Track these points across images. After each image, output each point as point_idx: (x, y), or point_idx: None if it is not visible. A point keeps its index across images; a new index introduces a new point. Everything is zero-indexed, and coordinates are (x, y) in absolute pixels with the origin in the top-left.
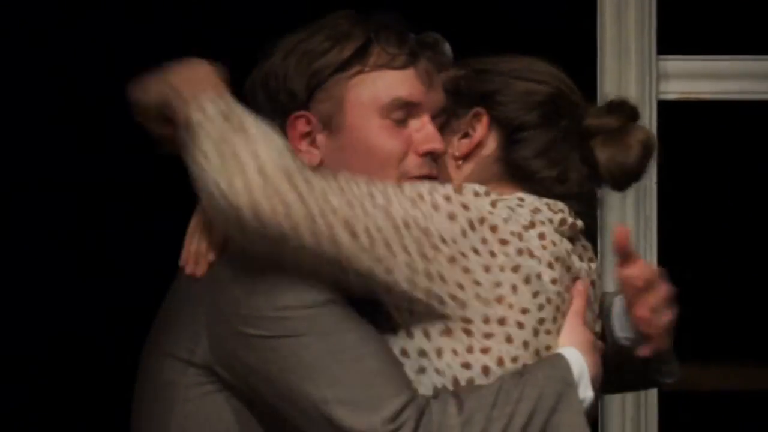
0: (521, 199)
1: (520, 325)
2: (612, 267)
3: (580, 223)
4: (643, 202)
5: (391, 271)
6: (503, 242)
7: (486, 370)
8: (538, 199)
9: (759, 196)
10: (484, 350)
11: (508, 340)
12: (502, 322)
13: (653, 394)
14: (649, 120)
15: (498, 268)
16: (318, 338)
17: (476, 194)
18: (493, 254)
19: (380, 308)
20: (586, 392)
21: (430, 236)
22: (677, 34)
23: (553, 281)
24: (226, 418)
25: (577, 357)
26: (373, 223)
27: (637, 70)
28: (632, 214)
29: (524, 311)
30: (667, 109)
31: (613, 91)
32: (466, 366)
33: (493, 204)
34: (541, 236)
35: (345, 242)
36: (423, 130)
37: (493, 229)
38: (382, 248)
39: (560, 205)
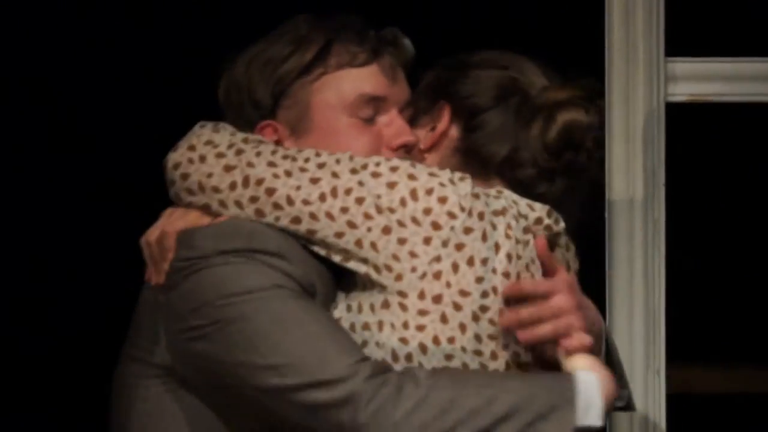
0: (500, 192)
1: (457, 307)
2: (618, 271)
3: (560, 226)
4: (652, 206)
5: (316, 233)
6: (451, 215)
7: (423, 348)
8: (519, 198)
9: None
10: (420, 327)
11: (443, 319)
12: (437, 299)
13: (661, 395)
14: (657, 122)
15: (440, 241)
16: (262, 314)
17: (431, 174)
18: (437, 226)
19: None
20: (592, 420)
21: (362, 204)
22: (686, 35)
23: (505, 274)
24: (182, 416)
25: (592, 382)
26: (295, 192)
27: (645, 72)
28: (640, 218)
29: (463, 293)
30: (675, 111)
31: (620, 93)
32: (404, 341)
33: (451, 181)
34: (508, 227)
35: (271, 211)
36: (392, 124)
37: (442, 200)
38: (307, 217)
39: (539, 205)
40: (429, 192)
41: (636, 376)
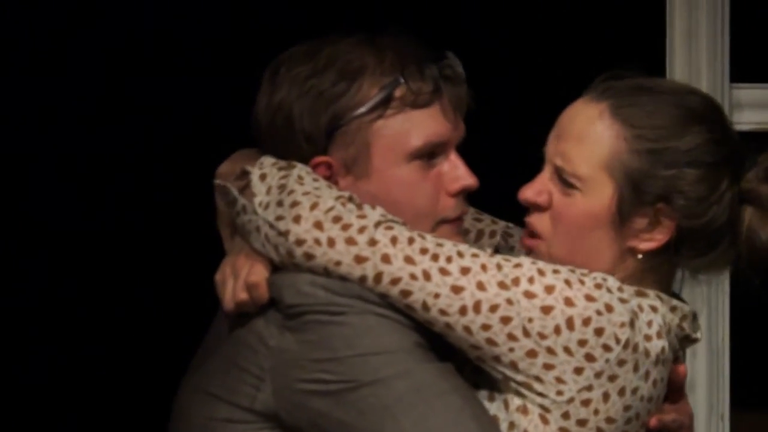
0: (654, 309)
1: (600, 431)
2: None
3: (699, 336)
4: None
5: (447, 337)
6: (606, 348)
7: None
8: (672, 310)
9: None
10: None
11: None
12: (582, 423)
13: None
14: None
15: (593, 372)
16: (401, 380)
17: (589, 298)
18: (590, 358)
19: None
20: None
21: (508, 324)
22: (751, 61)
23: (649, 399)
24: None
25: None
26: (433, 299)
27: None
28: None
29: (609, 420)
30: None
31: None
32: None
33: (608, 308)
34: (662, 351)
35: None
36: (452, 167)
37: (598, 332)
38: (441, 326)
39: (687, 311)
40: (586, 322)
41: (698, 422)
